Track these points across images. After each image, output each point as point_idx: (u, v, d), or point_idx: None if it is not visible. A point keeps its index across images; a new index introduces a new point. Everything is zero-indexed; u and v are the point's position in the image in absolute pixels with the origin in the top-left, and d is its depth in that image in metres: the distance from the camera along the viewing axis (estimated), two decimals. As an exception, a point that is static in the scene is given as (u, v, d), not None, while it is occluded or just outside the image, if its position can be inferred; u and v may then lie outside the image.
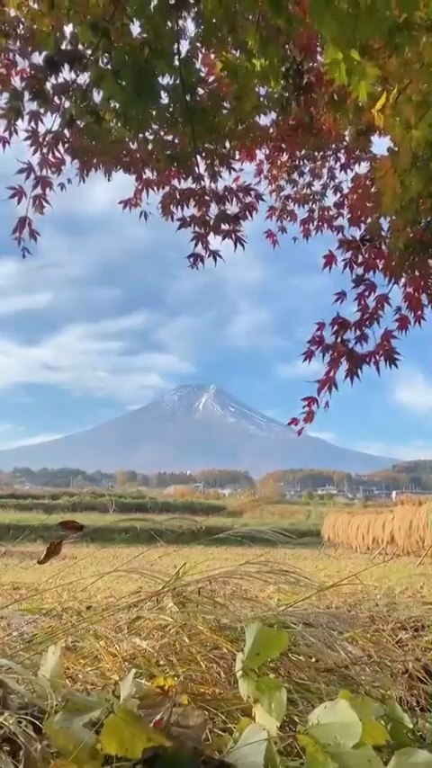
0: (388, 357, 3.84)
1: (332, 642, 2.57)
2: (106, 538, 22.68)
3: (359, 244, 4.04)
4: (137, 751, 1.15)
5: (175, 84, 3.58)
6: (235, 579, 2.87)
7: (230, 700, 1.85)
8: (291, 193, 5.59)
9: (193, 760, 1.22)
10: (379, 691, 2.43)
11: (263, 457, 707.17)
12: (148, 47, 3.11)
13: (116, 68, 3.07)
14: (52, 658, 1.49)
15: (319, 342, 3.93)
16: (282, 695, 1.31)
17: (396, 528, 23.31)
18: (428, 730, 2.35)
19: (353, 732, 1.16)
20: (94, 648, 2.15)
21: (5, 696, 1.36)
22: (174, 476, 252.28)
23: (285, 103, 4.24)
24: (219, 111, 3.83)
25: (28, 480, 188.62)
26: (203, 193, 4.63)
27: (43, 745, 1.22)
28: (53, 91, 3.93)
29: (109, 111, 3.69)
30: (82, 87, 3.77)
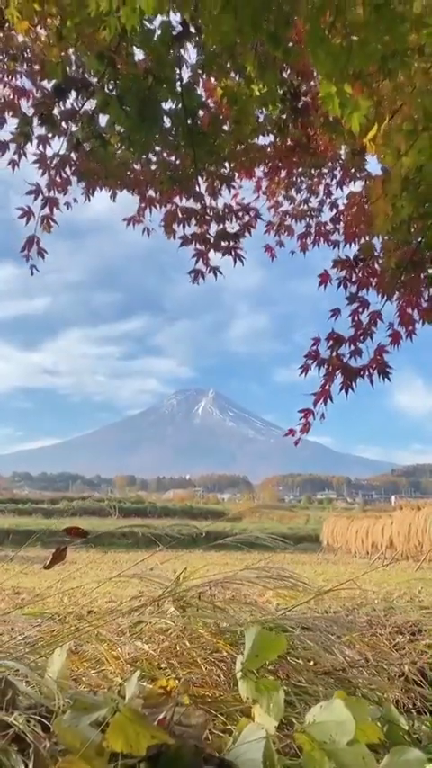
0: (381, 371, 3.98)
1: (330, 646, 2.62)
2: (106, 543, 22.72)
3: (353, 263, 4.20)
4: (141, 748, 1.20)
5: (177, 109, 3.73)
6: (235, 584, 2.92)
7: (230, 702, 1.90)
8: (288, 209, 5.77)
9: (195, 757, 1.27)
10: (376, 693, 2.47)
11: (262, 461, 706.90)
12: (152, 75, 3.24)
13: (121, 95, 3.21)
14: (58, 661, 1.55)
15: (314, 356, 4.06)
16: (280, 696, 1.37)
17: (395, 532, 23.35)
18: (425, 732, 2.40)
19: (347, 730, 1.21)
20: (97, 652, 2.20)
21: (14, 697, 1.42)
22: (173, 480, 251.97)
23: (283, 125, 4.39)
24: (219, 134, 3.98)
25: (27, 485, 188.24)
26: (204, 212, 4.80)
27: (51, 743, 1.27)
28: (61, 116, 4.10)
29: (114, 136, 3.85)
30: (88, 113, 3.94)
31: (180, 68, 3.56)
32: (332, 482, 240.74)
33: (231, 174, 4.74)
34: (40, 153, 4.37)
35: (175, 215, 4.91)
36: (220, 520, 40.64)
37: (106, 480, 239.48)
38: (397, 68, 2.14)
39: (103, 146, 3.92)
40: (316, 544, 31.85)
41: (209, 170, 4.48)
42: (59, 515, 44.45)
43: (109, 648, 2.11)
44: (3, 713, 1.36)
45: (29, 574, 10.00)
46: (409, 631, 4.02)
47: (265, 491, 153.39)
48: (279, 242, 5.90)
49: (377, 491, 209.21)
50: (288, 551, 25.24)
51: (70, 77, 3.84)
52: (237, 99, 3.76)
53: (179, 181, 4.47)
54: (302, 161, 4.86)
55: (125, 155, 4.16)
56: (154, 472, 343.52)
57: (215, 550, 17.55)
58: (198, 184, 4.63)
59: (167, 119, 3.82)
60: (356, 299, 4.15)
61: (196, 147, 3.85)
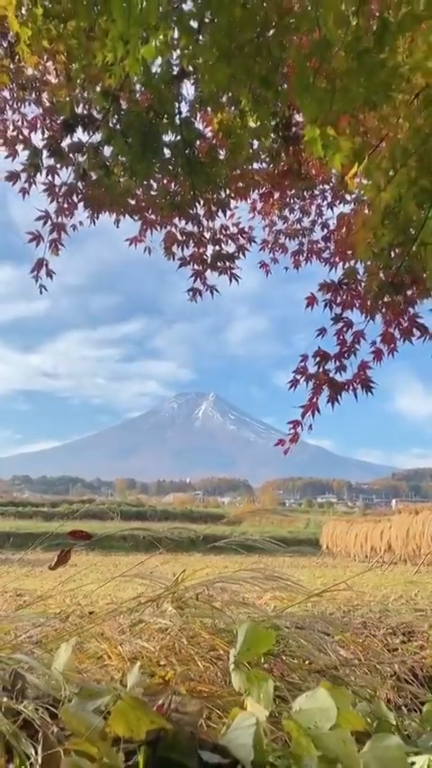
0: (364, 385, 4.25)
1: (323, 645, 2.72)
2: (106, 546, 22.81)
3: (338, 286, 4.47)
4: (141, 732, 1.31)
5: (177, 140, 3.97)
6: (233, 587, 3.02)
7: (225, 696, 2.01)
8: (282, 228, 6.05)
9: (191, 742, 1.38)
10: (367, 691, 2.57)
11: (262, 464, 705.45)
12: (153, 110, 3.47)
13: (124, 129, 3.43)
14: (64, 655, 1.65)
15: (303, 372, 4.33)
16: (269, 686, 1.48)
17: (393, 536, 23.42)
18: (414, 728, 2.51)
19: (330, 715, 1.32)
20: (99, 649, 2.30)
21: (23, 687, 1.52)
22: (173, 484, 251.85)
23: (275, 153, 4.65)
24: (215, 163, 4.24)
25: (27, 488, 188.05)
26: (201, 235, 5.12)
27: (59, 728, 1.38)
28: (68, 149, 4.38)
29: (117, 166, 4.13)
30: (94, 145, 4.21)
31: (179, 103, 3.79)
32: (333, 486, 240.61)
33: (227, 199, 4.99)
34: (48, 182, 4.67)
35: (174, 238, 5.21)
36: (220, 523, 40.70)
37: (106, 483, 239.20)
38: (381, 102, 2.28)
39: (107, 175, 4.18)
40: (316, 548, 31.91)
41: (206, 196, 4.73)
42: (60, 518, 44.52)
43: (110, 647, 2.21)
44: (13, 702, 1.47)
45: (30, 576, 10.09)
46: (402, 633, 4.12)
47: (265, 495, 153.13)
48: (273, 258, 6.19)
49: (378, 495, 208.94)
50: (287, 555, 25.32)
51: (77, 114, 4.11)
52: (232, 132, 3.98)
53: (178, 206, 4.72)
54: (294, 185, 5.09)
55: (128, 183, 4.39)
56: (154, 475, 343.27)
57: (214, 554, 17.60)
58: (196, 209, 4.89)
59: (167, 149, 4.06)
60: (341, 319, 4.41)
61: (194, 176, 4.11)
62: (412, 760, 1.74)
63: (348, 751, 1.30)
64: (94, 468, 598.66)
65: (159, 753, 1.36)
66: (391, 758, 1.43)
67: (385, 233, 2.82)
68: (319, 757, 1.34)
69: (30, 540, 20.80)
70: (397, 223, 2.77)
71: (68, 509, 49.33)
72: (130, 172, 4.07)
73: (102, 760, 1.25)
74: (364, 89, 2.15)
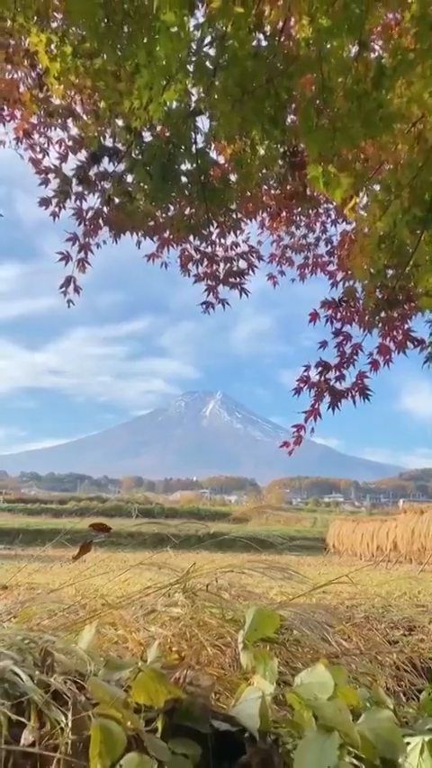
0: (362, 393, 4.68)
1: (326, 635, 2.89)
2: (115, 542, 22.97)
3: (338, 303, 4.91)
4: (160, 701, 1.48)
5: (193, 168, 4.30)
6: (241, 581, 3.18)
7: (233, 680, 2.17)
8: (289, 243, 6.46)
9: (203, 712, 1.55)
10: (367, 678, 2.73)
11: (269, 464, 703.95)
12: (171, 143, 3.74)
13: (146, 160, 3.69)
14: (87, 635, 1.82)
15: (306, 380, 4.74)
16: (274, 663, 1.64)
17: (399, 536, 23.55)
18: (411, 715, 2.66)
19: (327, 688, 1.48)
20: (114, 635, 2.47)
21: (52, 663, 1.69)
22: (180, 482, 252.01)
23: (283, 178, 5.07)
24: (228, 188, 4.59)
25: (35, 485, 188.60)
26: (214, 254, 5.57)
27: (85, 698, 1.55)
28: (95, 177, 4.85)
29: (139, 193, 4.54)
30: (118, 174, 4.65)
31: (195, 135, 4.12)
32: (340, 485, 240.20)
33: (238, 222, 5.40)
34: (77, 207, 5.13)
35: (189, 257, 5.68)
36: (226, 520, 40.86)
37: (113, 481, 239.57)
38: (380, 132, 2.46)
39: (130, 201, 4.62)
40: (322, 547, 32.02)
41: (219, 219, 5.12)
42: (68, 515, 44.84)
43: (127, 631, 2.38)
44: (44, 675, 1.64)
45: (40, 572, 10.27)
46: (403, 627, 4.27)
47: (272, 493, 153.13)
48: (281, 271, 6.60)
49: (385, 494, 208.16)
50: (293, 553, 25.44)
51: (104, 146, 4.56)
52: (243, 162, 4.31)
53: (194, 228, 5.10)
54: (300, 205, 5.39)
55: (148, 208, 4.78)
56: (161, 474, 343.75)
57: (221, 551, 17.74)
58: (210, 231, 5.28)
59: (184, 177, 4.38)
60: (341, 333, 4.84)
61: (208, 201, 4.47)
62: (408, 741, 1.90)
63: (344, 719, 1.46)
64: (101, 465, 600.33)
65: (175, 720, 1.53)
66: (384, 728, 1.59)
67: (381, 256, 3.05)
68: (318, 726, 1.50)
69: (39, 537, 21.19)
70: (392, 247, 2.99)
71: (77, 506, 49.62)
72: (150, 198, 4.42)
73: (126, 724, 1.42)
74: (363, 128, 2.34)
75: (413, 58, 2.31)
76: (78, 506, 49.71)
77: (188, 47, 2.64)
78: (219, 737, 1.54)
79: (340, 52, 2.41)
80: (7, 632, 1.92)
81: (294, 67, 2.61)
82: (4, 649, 1.77)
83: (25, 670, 1.63)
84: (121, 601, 3.17)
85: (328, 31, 2.34)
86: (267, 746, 1.53)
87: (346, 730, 1.45)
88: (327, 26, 2.34)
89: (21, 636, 1.89)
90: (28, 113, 4.88)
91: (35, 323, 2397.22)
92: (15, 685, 1.60)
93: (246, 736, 1.54)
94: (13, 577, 5.86)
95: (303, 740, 1.46)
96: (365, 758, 1.54)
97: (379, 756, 1.56)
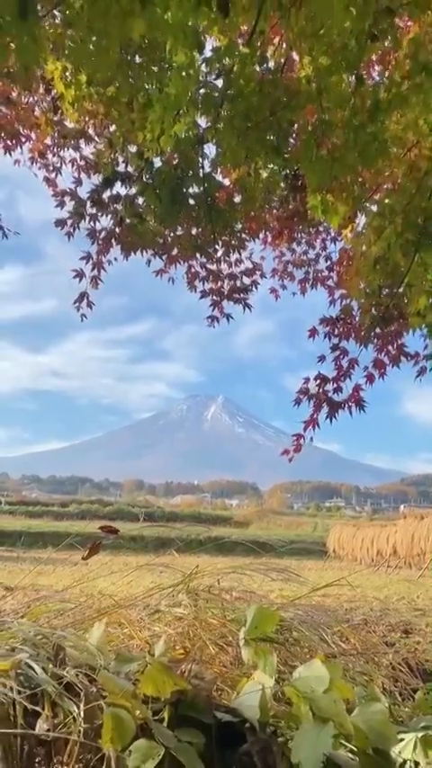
0: (357, 404, 4.89)
1: (324, 636, 2.98)
2: (117, 546, 23.08)
3: (335, 320, 5.15)
4: (167, 692, 1.58)
5: (200, 192, 4.54)
6: (243, 585, 3.27)
7: (234, 678, 2.27)
8: (290, 259, 6.70)
9: (207, 703, 1.65)
10: (363, 678, 2.82)
11: (270, 468, 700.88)
12: (180, 168, 3.90)
13: (156, 184, 3.84)
14: (97, 632, 1.93)
15: (305, 392, 5.00)
16: (273, 658, 1.74)
17: (399, 541, 23.59)
18: (406, 713, 2.76)
19: (323, 681, 1.58)
20: (121, 633, 2.57)
21: (64, 657, 1.80)
22: (181, 485, 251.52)
23: (285, 200, 5.32)
24: (233, 211, 4.78)
25: (36, 487, 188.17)
26: (219, 272, 5.87)
27: (96, 690, 1.65)
28: (108, 200, 5.11)
29: (149, 214, 4.76)
30: (130, 197, 4.91)
31: (202, 161, 4.33)
32: (341, 490, 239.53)
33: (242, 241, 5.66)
34: (91, 227, 5.39)
35: (196, 274, 5.95)
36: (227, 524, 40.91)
37: (115, 484, 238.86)
38: (377, 156, 2.58)
39: (141, 222, 4.89)
40: (323, 551, 32.03)
41: (224, 239, 5.38)
42: (69, 518, 44.97)
43: (134, 629, 2.47)
44: (57, 669, 1.74)
45: (43, 574, 10.34)
46: (401, 629, 4.36)
47: (273, 498, 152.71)
48: (282, 285, 6.86)
49: (386, 500, 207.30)
50: (294, 558, 25.50)
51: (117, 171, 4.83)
52: (246, 187, 4.53)
53: (200, 247, 5.40)
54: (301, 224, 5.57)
55: (158, 228, 5.05)
56: (162, 477, 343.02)
57: (222, 555, 17.84)
58: (215, 249, 5.57)
59: (191, 200, 4.65)
60: (338, 348, 5.09)
61: (214, 222, 4.74)
62: (402, 737, 2.00)
63: (339, 710, 1.56)
64: (102, 468, 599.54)
65: (181, 711, 1.63)
66: (377, 721, 1.69)
67: (376, 277, 3.19)
68: (314, 717, 1.60)
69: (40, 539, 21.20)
70: (386, 268, 3.13)
71: (78, 509, 49.64)
72: (160, 219, 4.71)
73: (135, 713, 1.52)
74: (359, 158, 2.47)
75: (407, 92, 2.43)
76: (80, 509, 49.77)
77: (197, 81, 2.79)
78: (221, 728, 1.64)
79: (338, 87, 2.56)
80: (21, 628, 2.03)
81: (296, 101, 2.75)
82: (19, 644, 1.87)
83: (39, 663, 1.74)
84: (126, 601, 3.26)
85: (327, 69, 2.49)
86: (267, 736, 1.63)
87: (340, 721, 1.55)
88: (326, 65, 2.49)
89: (33, 632, 1.99)
90: (43, 135, 5.11)
91: (38, 325, 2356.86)
92: (30, 678, 1.71)
93: (246, 727, 1.65)
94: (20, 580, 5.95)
95: (300, 730, 1.56)
96: (359, 748, 1.64)
97: (372, 747, 1.65)
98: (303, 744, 1.52)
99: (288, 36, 2.78)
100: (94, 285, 5.59)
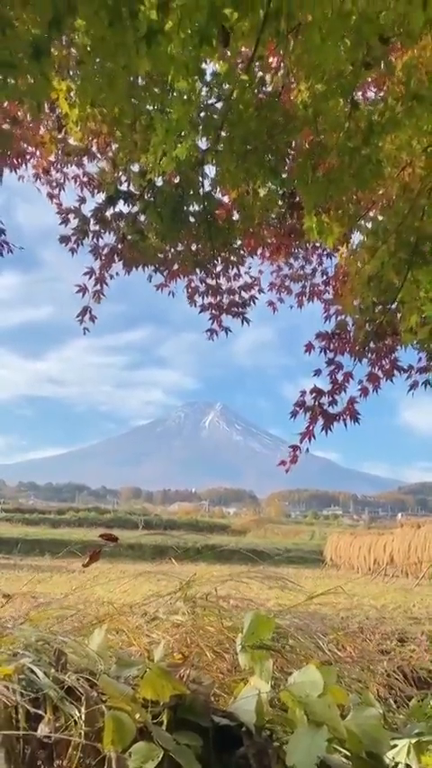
0: (352, 416, 5.07)
1: (320, 644, 3.02)
2: (114, 554, 23.02)
3: (330, 336, 5.27)
4: (165, 696, 1.63)
5: (200, 209, 4.69)
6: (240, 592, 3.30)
7: (230, 684, 2.32)
8: (287, 273, 6.85)
9: (205, 707, 1.70)
10: (358, 685, 2.86)
11: (268, 476, 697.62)
12: (181, 187, 3.98)
13: (157, 202, 3.95)
14: (98, 637, 1.97)
15: (301, 405, 5.16)
16: (269, 664, 1.79)
17: (396, 549, 23.62)
18: (401, 720, 2.80)
19: (318, 686, 1.63)
20: (119, 640, 2.61)
21: (66, 662, 1.84)
22: (178, 493, 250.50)
23: (282, 217, 5.45)
24: (231, 228, 4.91)
25: (33, 494, 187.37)
26: (218, 287, 6.03)
27: (97, 694, 1.70)
28: (111, 217, 5.27)
29: (151, 232, 4.92)
30: (132, 215, 5.06)
31: (202, 180, 4.49)
32: (339, 498, 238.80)
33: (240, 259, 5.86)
34: (94, 244, 5.56)
35: (196, 289, 6.12)
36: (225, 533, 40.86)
37: (112, 491, 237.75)
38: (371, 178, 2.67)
39: (142, 239, 5.03)
40: (320, 560, 31.99)
41: (223, 255, 5.58)
42: (66, 526, 44.88)
43: (134, 635, 2.52)
44: (58, 673, 1.78)
45: (41, 582, 10.33)
46: (396, 638, 4.40)
47: (270, 506, 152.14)
48: (280, 298, 6.96)
49: (384, 508, 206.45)
50: (291, 566, 25.48)
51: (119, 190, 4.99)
52: (245, 206, 4.66)
53: (200, 263, 5.57)
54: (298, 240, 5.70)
55: (159, 245, 5.20)
56: (160, 485, 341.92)
57: (219, 563, 17.83)
58: (215, 266, 5.75)
59: (192, 217, 4.80)
60: (333, 362, 5.23)
61: (213, 238, 4.89)
62: (396, 743, 2.04)
63: (332, 714, 1.60)
64: (99, 475, 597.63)
65: (179, 715, 1.68)
66: (370, 725, 1.74)
67: (369, 294, 3.29)
68: (309, 721, 1.65)
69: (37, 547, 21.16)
70: (380, 285, 3.22)
71: (75, 516, 49.52)
72: (161, 236, 4.86)
73: (135, 716, 1.57)
74: (353, 180, 2.55)
75: (400, 116, 2.52)
76: (77, 517, 49.64)
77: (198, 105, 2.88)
78: (219, 731, 1.69)
79: (334, 111, 2.65)
80: (23, 634, 2.07)
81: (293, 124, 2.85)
82: (21, 649, 1.92)
83: (41, 668, 1.79)
84: (124, 609, 3.30)
85: (323, 94, 2.57)
86: (263, 740, 1.68)
87: (334, 725, 1.60)
88: (322, 90, 2.57)
89: (35, 637, 2.04)
90: (47, 152, 5.22)
91: (35, 332, 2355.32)
92: (32, 682, 1.75)
93: (243, 731, 1.69)
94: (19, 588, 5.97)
95: (295, 734, 1.61)
96: (352, 752, 1.69)
97: (365, 750, 1.70)
98: (298, 747, 1.56)
99: (286, 62, 2.88)
100: (97, 300, 5.73)
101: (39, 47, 2.28)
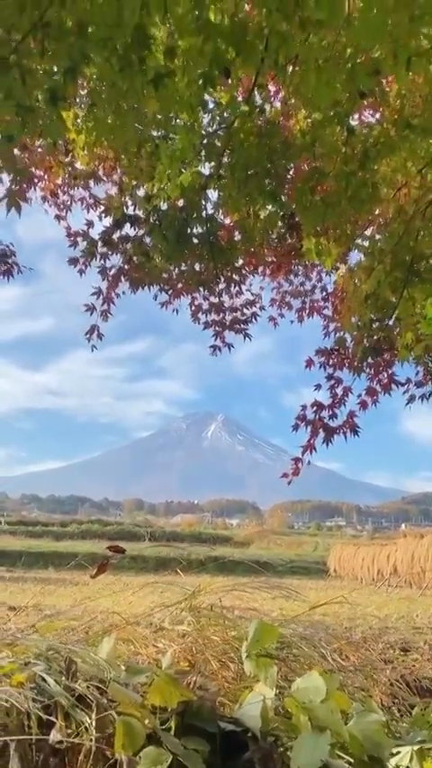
0: (352, 429, 5.22)
1: (324, 653, 3.07)
2: (118, 566, 22.99)
3: (330, 352, 5.44)
4: (173, 703, 1.68)
5: (203, 231, 4.86)
6: (244, 603, 3.35)
7: (235, 692, 2.37)
8: (288, 290, 7.03)
9: (212, 713, 1.75)
10: (361, 693, 2.90)
11: (271, 487, 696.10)
12: (184, 210, 4.12)
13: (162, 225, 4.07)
14: (107, 646, 2.03)
15: (303, 418, 5.32)
16: (274, 671, 1.85)
17: (399, 560, 23.59)
18: (404, 729, 2.84)
19: (320, 691, 1.68)
20: (126, 650, 2.66)
21: (76, 670, 1.90)
22: (181, 505, 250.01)
23: (282, 238, 5.61)
24: (233, 248, 5.01)
25: (36, 507, 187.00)
26: (221, 305, 6.21)
27: (107, 701, 1.75)
28: (118, 240, 5.45)
29: (156, 253, 5.07)
30: (138, 237, 5.26)
31: (205, 204, 4.66)
32: (342, 509, 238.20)
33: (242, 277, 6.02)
34: (101, 265, 5.72)
35: (199, 307, 6.31)
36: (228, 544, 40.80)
37: (114, 503, 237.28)
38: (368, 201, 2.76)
39: (148, 260, 5.22)
40: (324, 571, 31.93)
41: (225, 274, 5.75)
42: (70, 538, 44.87)
43: (141, 645, 2.57)
44: (69, 681, 1.84)
45: (45, 594, 10.38)
46: (399, 647, 4.43)
47: (273, 517, 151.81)
48: (280, 314, 7.13)
49: (387, 519, 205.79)
50: (295, 578, 25.43)
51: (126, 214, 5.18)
52: (246, 227, 4.82)
53: (203, 282, 5.75)
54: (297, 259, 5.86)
55: (164, 265, 5.38)
56: (162, 496, 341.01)
57: (223, 575, 17.83)
58: (217, 284, 5.93)
59: (195, 239, 4.97)
60: (333, 378, 5.39)
61: (216, 259, 5.04)
62: (398, 750, 2.09)
63: (335, 719, 1.66)
64: (102, 487, 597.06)
65: (186, 720, 1.73)
66: (372, 730, 1.79)
67: (367, 311, 3.39)
68: (312, 726, 1.70)
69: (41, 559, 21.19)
70: (377, 303, 3.33)
71: (78, 529, 49.46)
72: (166, 258, 5.04)
73: (144, 722, 1.62)
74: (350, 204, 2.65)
75: (395, 141, 2.61)
76: (80, 529, 49.60)
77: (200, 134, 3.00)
78: (225, 737, 1.74)
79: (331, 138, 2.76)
80: (33, 643, 2.13)
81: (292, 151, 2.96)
82: (32, 658, 1.97)
83: (52, 676, 1.84)
84: (131, 619, 3.35)
85: (320, 122, 2.68)
86: (268, 745, 1.73)
87: (336, 729, 1.65)
88: (319, 119, 2.68)
89: (45, 646, 2.09)
90: (54, 176, 5.40)
91: (35, 344, 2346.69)
92: (44, 690, 1.81)
93: (249, 736, 1.74)
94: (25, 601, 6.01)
95: (299, 738, 1.67)
96: (355, 756, 1.74)
97: (367, 754, 1.75)
98: (302, 751, 1.61)
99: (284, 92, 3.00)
100: (104, 318, 5.92)
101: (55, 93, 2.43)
